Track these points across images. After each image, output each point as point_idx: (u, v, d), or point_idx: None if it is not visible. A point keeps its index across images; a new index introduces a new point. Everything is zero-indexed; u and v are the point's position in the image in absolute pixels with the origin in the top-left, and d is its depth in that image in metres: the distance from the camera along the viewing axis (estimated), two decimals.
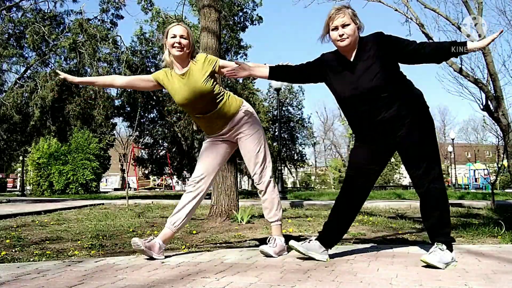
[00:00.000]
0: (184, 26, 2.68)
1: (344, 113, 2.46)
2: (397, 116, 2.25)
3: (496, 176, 15.03)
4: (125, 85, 2.86)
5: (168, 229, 2.70)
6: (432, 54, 2.24)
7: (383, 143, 2.38)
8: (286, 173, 38.55)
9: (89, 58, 16.13)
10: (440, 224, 2.30)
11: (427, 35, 8.95)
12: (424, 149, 2.27)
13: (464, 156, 50.53)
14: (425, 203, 2.31)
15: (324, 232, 2.53)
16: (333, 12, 2.29)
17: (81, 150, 21.57)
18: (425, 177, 2.26)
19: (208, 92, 2.63)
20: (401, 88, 2.29)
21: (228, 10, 17.89)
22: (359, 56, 2.31)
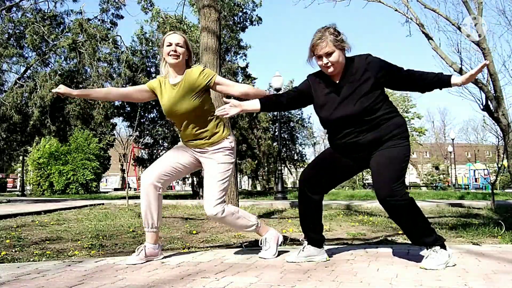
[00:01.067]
0: (180, 34, 2.62)
1: (326, 130, 2.47)
2: (375, 140, 2.25)
3: (496, 176, 15.02)
4: (120, 98, 2.77)
5: (151, 232, 2.62)
6: (416, 83, 2.24)
7: (356, 161, 2.39)
8: (286, 173, 38.53)
9: (89, 58, 16.12)
10: (421, 233, 2.27)
11: (427, 35, 8.94)
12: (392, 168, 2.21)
13: (464, 156, 50.54)
14: (397, 220, 2.30)
15: (306, 234, 2.54)
16: (315, 40, 2.25)
17: (81, 150, 21.60)
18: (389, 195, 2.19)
19: (195, 108, 2.55)
20: (385, 114, 2.27)
21: (228, 11, 17.89)
22: (345, 78, 2.30)
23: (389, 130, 2.25)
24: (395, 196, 2.18)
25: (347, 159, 2.41)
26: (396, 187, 2.18)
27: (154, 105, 19.88)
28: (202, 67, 2.63)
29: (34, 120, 16.44)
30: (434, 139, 51.48)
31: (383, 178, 2.21)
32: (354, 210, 7.39)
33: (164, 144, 21.61)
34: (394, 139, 2.25)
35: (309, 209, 2.49)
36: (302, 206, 2.51)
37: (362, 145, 2.28)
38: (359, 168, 2.47)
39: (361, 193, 14.76)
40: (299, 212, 2.55)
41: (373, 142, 2.26)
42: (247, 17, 19.45)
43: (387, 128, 2.25)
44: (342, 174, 2.49)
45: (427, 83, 2.22)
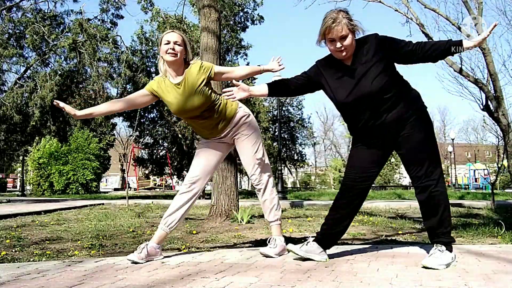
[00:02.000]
0: (178, 33, 2.63)
1: (344, 117, 2.44)
2: (399, 118, 2.25)
3: (496, 176, 15.03)
4: (126, 107, 2.77)
5: (162, 231, 2.67)
6: (429, 53, 2.23)
7: (382, 145, 2.37)
8: (286, 173, 38.53)
9: (89, 58, 16.13)
10: (440, 226, 2.29)
11: (427, 35, 8.94)
12: (426, 150, 2.26)
13: (464, 156, 50.53)
14: (426, 205, 2.30)
15: (322, 233, 2.52)
16: (329, 23, 2.21)
17: (81, 150, 21.58)
18: (426, 178, 2.25)
19: (204, 101, 2.60)
20: (401, 90, 2.28)
21: (229, 10, 17.89)
22: (356, 59, 2.28)
23: (409, 105, 2.26)
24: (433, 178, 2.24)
25: (373, 148, 2.37)
26: (433, 170, 2.25)
27: (154, 105, 19.88)
28: (200, 62, 2.66)
29: (34, 121, 16.45)
30: None
31: (419, 164, 2.25)
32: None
33: (164, 144, 21.62)
34: (416, 115, 2.26)
35: (347, 214, 2.47)
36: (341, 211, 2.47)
37: (387, 125, 2.26)
38: (387, 153, 2.43)
39: None
40: (333, 215, 2.49)
41: (396, 120, 2.25)
42: (248, 17, 19.44)
43: (407, 104, 2.25)
44: (376, 167, 2.43)
45: (439, 51, 2.21)
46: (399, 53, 2.27)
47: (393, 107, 2.24)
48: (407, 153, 2.30)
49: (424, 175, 2.26)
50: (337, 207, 2.49)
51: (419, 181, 2.27)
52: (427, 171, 2.25)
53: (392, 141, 2.33)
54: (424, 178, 2.25)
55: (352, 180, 2.43)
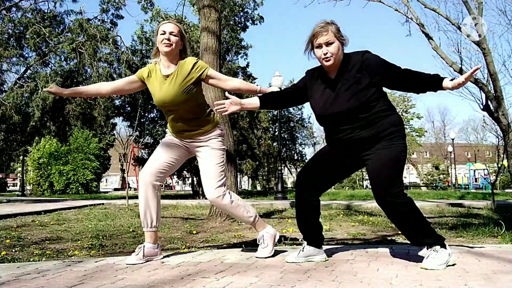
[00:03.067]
0: (174, 23, 2.60)
1: (322, 127, 2.46)
2: (373, 136, 2.24)
3: (496, 176, 15.03)
4: (112, 91, 2.72)
5: (150, 232, 2.63)
6: (413, 85, 2.24)
7: (351, 159, 2.38)
8: (286, 173, 38.52)
9: (90, 58, 16.13)
10: (420, 234, 2.26)
11: (427, 35, 8.95)
12: (390, 169, 2.21)
13: (464, 156, 50.54)
14: (396, 221, 2.30)
15: (305, 235, 2.52)
16: (317, 29, 2.24)
17: (81, 150, 21.59)
18: (389, 196, 2.20)
19: (187, 99, 2.54)
20: (380, 111, 2.24)
21: (229, 10, 17.89)
22: (341, 74, 2.28)
23: (385, 128, 2.23)
24: (394, 197, 2.19)
25: (342, 157, 2.39)
26: (394, 188, 2.19)
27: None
28: (195, 59, 2.62)
29: (35, 121, 16.45)
30: (434, 139, 51.51)
31: (382, 180, 2.21)
32: (354, 210, 7.39)
33: None
34: (390, 138, 2.23)
35: (306, 210, 2.47)
36: (299, 208, 2.50)
37: (357, 141, 2.27)
38: (354, 167, 2.46)
39: (361, 193, 14.75)
40: (296, 213, 2.54)
41: (368, 139, 2.25)
42: (248, 17, 19.44)
43: (382, 126, 2.23)
44: (338, 174, 2.47)
45: (421, 83, 2.21)
46: (384, 76, 2.25)
47: (367, 126, 2.23)
48: (371, 170, 2.27)
49: (387, 195, 2.20)
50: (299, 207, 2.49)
51: (383, 200, 2.22)
52: (390, 191, 2.19)
53: (361, 157, 2.33)
54: (388, 197, 2.20)
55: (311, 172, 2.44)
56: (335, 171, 2.45)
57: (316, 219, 2.51)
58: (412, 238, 2.31)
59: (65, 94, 2.58)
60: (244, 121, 22.41)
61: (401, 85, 2.28)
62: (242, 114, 22.05)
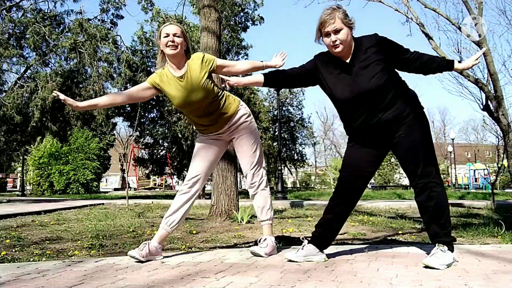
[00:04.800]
0: (176, 24, 2.61)
1: (341, 115, 2.43)
2: (396, 117, 2.25)
3: (496, 176, 15.03)
4: (127, 101, 2.74)
5: (164, 230, 2.68)
6: (425, 66, 2.32)
7: (378, 144, 2.37)
8: (286, 173, 38.55)
9: (90, 58, 16.13)
10: (441, 225, 2.28)
11: (427, 35, 8.94)
12: (423, 151, 2.26)
13: (464, 156, 50.51)
14: (426, 206, 2.29)
15: (318, 233, 2.51)
16: (324, 17, 2.24)
17: (81, 150, 21.58)
18: (424, 178, 2.25)
19: (208, 94, 2.60)
20: (399, 89, 2.29)
21: (229, 11, 17.89)
22: (355, 57, 2.29)
23: (406, 105, 2.26)
24: (429, 177, 2.23)
25: (369, 149, 2.37)
26: (431, 169, 2.24)
27: (154, 105, 19.90)
28: (202, 54, 2.65)
29: (35, 121, 16.44)
30: (434, 139, 51.24)
31: (416, 162, 2.25)
32: (354, 210, 7.38)
33: (164, 144, 21.62)
34: (413, 117, 2.26)
35: (338, 220, 2.47)
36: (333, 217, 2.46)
37: (383, 124, 2.26)
38: (382, 154, 2.43)
39: None
40: (328, 214, 2.48)
41: (394, 119, 2.25)
42: (248, 17, 19.45)
43: (404, 104, 2.26)
44: (371, 166, 2.42)
45: (434, 67, 2.31)
46: (398, 58, 2.30)
47: (390, 107, 2.24)
48: (404, 154, 2.29)
49: (422, 176, 2.25)
50: (332, 207, 2.48)
51: (418, 182, 2.26)
52: (425, 171, 2.24)
53: (388, 141, 2.33)
54: (422, 178, 2.25)
55: (347, 179, 2.43)
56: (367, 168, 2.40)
57: (340, 228, 2.52)
58: (434, 230, 2.29)
59: (79, 108, 2.58)
60: None
61: (414, 65, 2.32)
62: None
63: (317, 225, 2.54)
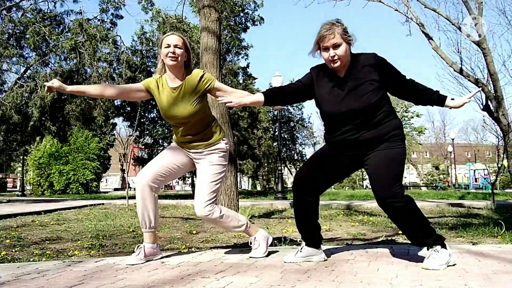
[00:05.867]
0: (178, 35, 2.58)
1: (325, 126, 2.45)
2: (377, 137, 2.25)
3: (496, 176, 15.02)
4: (115, 95, 2.68)
5: (149, 232, 2.63)
6: (414, 96, 2.35)
7: (352, 159, 2.38)
8: (286, 173, 38.51)
9: (89, 58, 16.12)
10: (422, 235, 2.26)
11: (427, 35, 8.94)
12: (394, 170, 2.23)
13: (464, 156, 50.52)
14: (397, 221, 2.30)
15: (303, 235, 2.52)
16: (323, 32, 2.23)
17: (81, 150, 21.59)
18: (391, 197, 2.19)
19: (195, 113, 2.55)
20: (387, 113, 2.28)
21: (229, 11, 17.89)
22: (350, 73, 2.29)
23: (389, 130, 2.26)
24: (395, 198, 2.18)
25: (342, 158, 2.39)
26: (395, 189, 2.19)
27: (154, 105, 19.89)
28: (201, 72, 2.61)
29: (34, 121, 16.43)
30: (434, 139, 51.48)
31: (382, 180, 2.22)
32: (354, 210, 7.39)
33: (164, 144, 21.62)
34: (391, 141, 2.25)
35: (304, 210, 2.48)
36: (298, 208, 2.50)
37: (361, 143, 2.27)
38: (353, 168, 2.46)
39: (361, 193, 14.76)
40: (295, 213, 2.53)
41: (372, 140, 2.25)
42: (248, 18, 19.45)
43: (387, 128, 2.26)
44: (337, 174, 2.47)
45: (426, 98, 2.33)
46: (392, 83, 2.30)
47: (373, 127, 2.25)
48: (372, 170, 2.27)
49: (390, 196, 2.19)
50: (297, 208, 2.49)
51: (386, 201, 2.21)
52: (393, 191, 2.19)
53: (361, 158, 2.33)
54: (390, 199, 2.20)
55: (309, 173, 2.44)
56: (334, 171, 2.45)
57: (314, 219, 2.51)
58: (413, 238, 2.31)
59: (67, 91, 2.52)
60: (244, 121, 22.41)
61: (406, 92, 2.35)
62: (242, 114, 22.07)
63: (297, 228, 2.54)
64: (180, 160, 2.69)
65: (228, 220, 2.64)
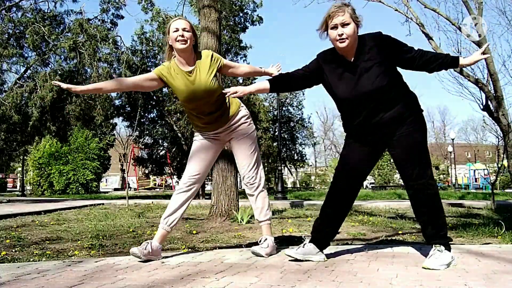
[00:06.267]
0: (185, 19, 2.64)
1: (341, 113, 2.43)
2: (396, 118, 2.25)
3: (496, 176, 15.03)
4: (132, 87, 2.73)
5: (163, 230, 2.68)
6: (428, 63, 2.30)
7: (376, 144, 2.37)
8: (286, 173, 38.52)
9: (89, 58, 16.11)
10: (437, 227, 2.28)
11: (427, 35, 8.94)
12: (419, 152, 2.26)
13: (464, 156, 50.52)
14: (420, 206, 2.30)
15: (317, 233, 2.51)
16: (332, 9, 2.23)
17: (81, 150, 21.60)
18: (420, 178, 2.24)
19: (214, 92, 2.63)
20: (401, 91, 2.29)
21: (228, 11, 17.88)
22: (359, 56, 2.27)
23: (407, 107, 2.27)
24: (424, 178, 2.23)
25: (365, 148, 2.37)
26: (425, 169, 2.24)
27: (154, 105, 19.89)
28: (210, 52, 2.70)
29: (33, 121, 16.41)
30: (434, 139, 51.49)
31: (413, 163, 2.24)
32: (354, 210, 7.38)
33: (164, 144, 21.62)
34: (412, 120, 2.26)
35: (336, 219, 2.48)
36: (330, 215, 2.48)
37: (381, 125, 2.26)
38: (378, 154, 2.44)
39: (361, 193, 14.75)
40: (324, 214, 2.50)
41: (393, 120, 2.25)
42: (248, 18, 19.44)
43: (405, 105, 2.26)
44: (367, 165, 2.43)
45: (438, 63, 2.29)
46: (401, 57, 2.29)
47: (391, 107, 2.24)
48: (401, 154, 2.29)
49: (418, 177, 2.24)
50: (329, 207, 2.49)
51: (413, 183, 2.25)
52: (421, 173, 2.24)
53: (385, 141, 2.33)
54: (419, 179, 2.24)
55: (344, 178, 2.44)
56: (363, 167, 2.42)
57: (338, 227, 2.52)
58: (430, 231, 2.29)
59: (78, 91, 2.52)
60: None
61: (418, 63, 2.30)
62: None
63: (314, 225, 2.54)
64: (211, 152, 2.79)
65: (265, 199, 2.82)
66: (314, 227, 2.54)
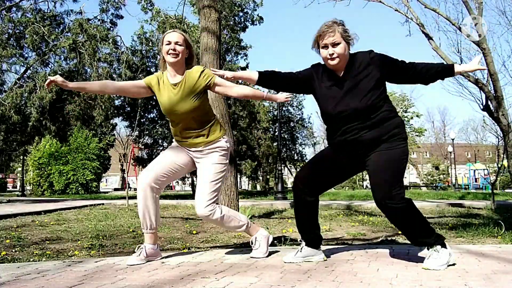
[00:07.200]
0: (179, 33, 2.60)
1: (326, 127, 2.44)
2: (379, 137, 2.22)
3: (496, 176, 15.03)
4: (116, 92, 2.69)
5: (150, 233, 2.62)
6: (421, 74, 2.27)
7: (352, 161, 2.37)
8: (286, 173, 38.48)
9: (89, 58, 16.11)
10: (422, 235, 2.26)
11: (427, 35, 8.93)
12: (395, 171, 2.20)
13: (464, 156, 50.53)
14: (397, 224, 2.30)
15: (303, 235, 2.52)
16: (323, 29, 2.23)
17: (81, 150, 21.59)
18: (390, 199, 2.16)
19: (196, 107, 2.55)
20: (386, 112, 2.26)
21: (228, 11, 17.88)
22: (348, 73, 2.28)
23: (389, 129, 2.23)
24: (393, 200, 2.16)
25: (343, 159, 2.38)
26: (394, 191, 2.16)
27: (154, 105, 19.89)
28: (201, 68, 2.62)
29: (33, 121, 16.41)
30: (434, 139, 51.49)
31: (382, 181, 2.20)
32: (354, 210, 7.39)
33: (163, 144, 21.62)
34: (392, 140, 2.23)
35: (304, 210, 2.47)
36: (298, 208, 2.50)
37: (361, 143, 2.25)
38: (355, 169, 2.45)
39: (361, 193, 14.75)
40: (295, 213, 2.53)
41: (373, 140, 2.23)
42: (248, 17, 19.45)
43: (387, 127, 2.23)
44: (338, 176, 2.47)
45: (431, 73, 2.26)
46: (393, 70, 2.27)
47: (373, 127, 2.23)
48: (375, 170, 2.24)
49: (388, 197, 2.16)
50: (298, 208, 2.50)
51: (383, 202, 2.18)
52: (392, 193, 2.16)
53: (362, 158, 2.31)
54: (388, 200, 2.16)
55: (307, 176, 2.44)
56: (335, 172, 2.44)
57: (314, 220, 2.50)
58: (413, 239, 2.31)
59: (69, 87, 2.50)
60: (244, 121, 22.40)
61: (411, 77, 2.29)
62: (242, 114, 22.06)
63: (298, 228, 2.54)
64: (182, 160, 2.68)
65: (229, 220, 2.62)
66: (300, 232, 2.54)
